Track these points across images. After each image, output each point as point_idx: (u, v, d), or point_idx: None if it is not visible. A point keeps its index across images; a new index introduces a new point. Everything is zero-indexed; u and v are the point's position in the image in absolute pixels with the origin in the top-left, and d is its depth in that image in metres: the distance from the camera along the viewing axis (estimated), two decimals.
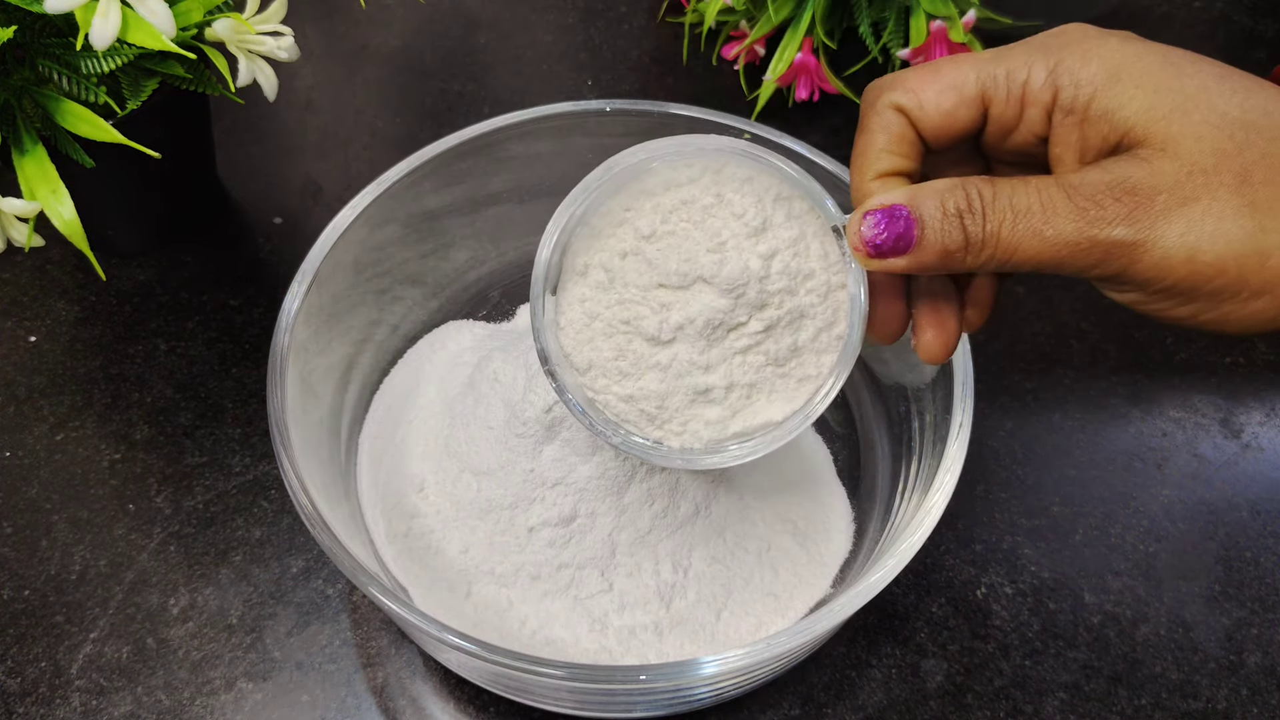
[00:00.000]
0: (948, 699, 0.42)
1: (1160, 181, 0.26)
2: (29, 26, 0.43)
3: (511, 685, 0.38)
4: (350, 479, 0.44)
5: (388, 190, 0.42)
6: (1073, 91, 0.27)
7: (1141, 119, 0.26)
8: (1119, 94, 0.27)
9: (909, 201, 0.28)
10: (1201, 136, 0.26)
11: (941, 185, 0.28)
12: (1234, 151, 0.25)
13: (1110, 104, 0.27)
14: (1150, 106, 0.26)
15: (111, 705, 0.42)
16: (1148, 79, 0.26)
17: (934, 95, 0.29)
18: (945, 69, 0.29)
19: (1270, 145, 0.25)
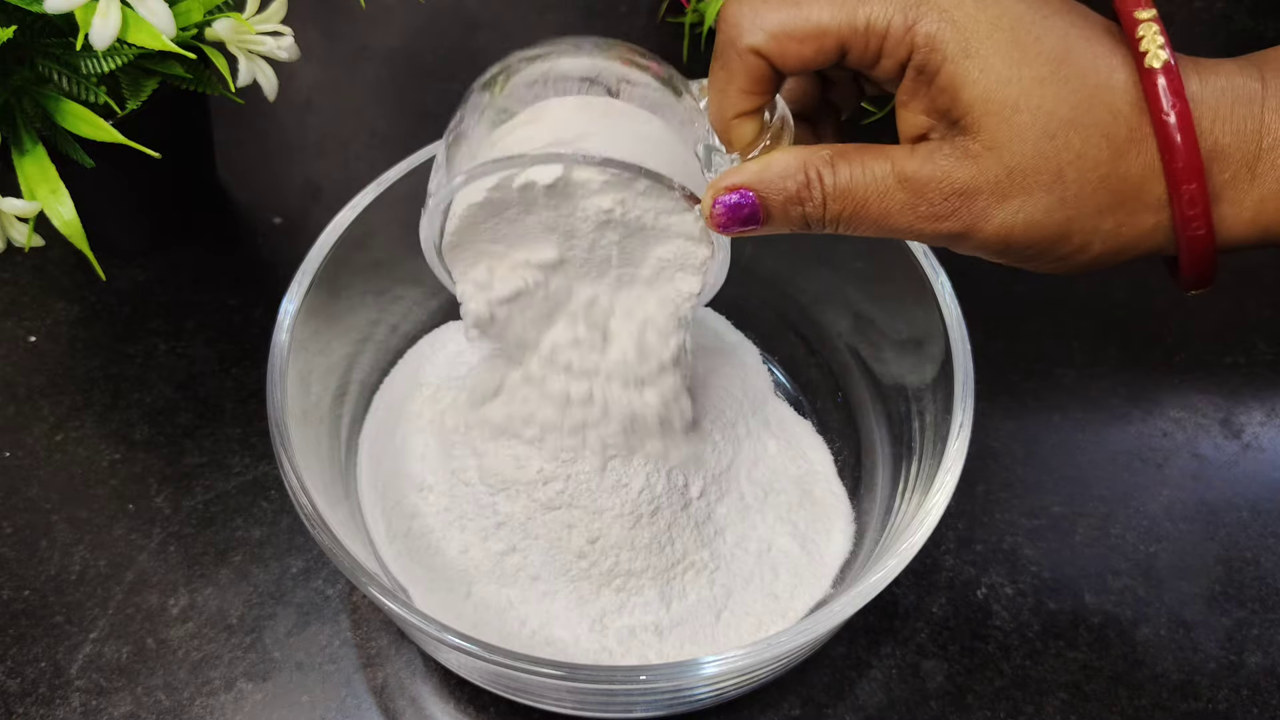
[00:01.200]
0: (948, 699, 0.42)
1: (984, 182, 0.28)
2: (29, 26, 0.43)
3: (511, 685, 0.38)
4: (350, 479, 0.44)
5: (388, 190, 0.42)
6: (925, 55, 0.29)
7: (978, 108, 0.28)
8: (966, 72, 0.28)
9: (754, 184, 0.31)
10: (1026, 139, 0.28)
11: (783, 166, 0.30)
12: (1052, 153, 0.28)
13: (956, 80, 0.28)
14: (988, 97, 0.28)
15: (111, 705, 0.42)
16: (993, 62, 0.28)
17: (795, 45, 0.30)
18: (807, 12, 0.30)
19: (1085, 144, 0.28)
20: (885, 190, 0.29)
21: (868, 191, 0.30)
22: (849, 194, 0.30)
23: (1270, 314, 0.54)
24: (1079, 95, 0.28)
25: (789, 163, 0.30)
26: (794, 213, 0.31)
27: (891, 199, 0.29)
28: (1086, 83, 0.28)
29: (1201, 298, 0.55)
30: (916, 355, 0.42)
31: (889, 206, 0.30)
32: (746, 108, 0.31)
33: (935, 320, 0.40)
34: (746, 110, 0.31)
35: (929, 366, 0.40)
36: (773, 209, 0.31)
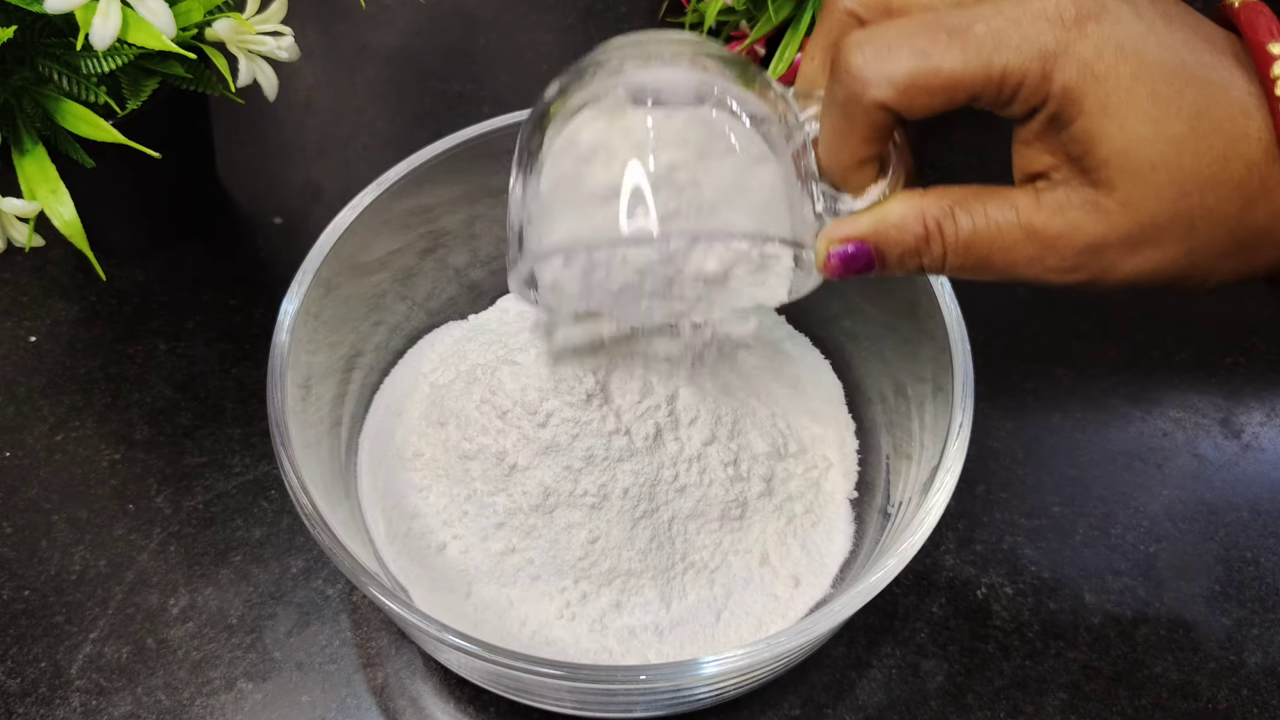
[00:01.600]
0: (948, 699, 0.42)
1: (1115, 237, 0.28)
2: (29, 26, 0.43)
3: (511, 685, 0.38)
4: (350, 479, 0.44)
5: (388, 190, 0.42)
6: (1061, 105, 0.28)
7: (1114, 164, 0.27)
8: (1104, 129, 0.27)
9: (870, 237, 0.30)
10: (1163, 197, 0.27)
11: (900, 217, 0.29)
12: (1186, 210, 0.27)
13: (1093, 135, 0.27)
14: (1125, 154, 0.27)
15: (111, 705, 0.42)
16: (1132, 121, 0.27)
17: (925, 98, 0.28)
18: (938, 63, 0.28)
19: (1219, 200, 0.27)
20: (1012, 243, 0.29)
21: (992, 244, 0.29)
22: (971, 247, 0.29)
23: (1270, 314, 0.54)
24: (1216, 152, 0.27)
25: (906, 213, 0.29)
26: (911, 263, 0.30)
27: (1018, 252, 0.29)
28: (1224, 136, 0.27)
29: (1201, 297, 0.55)
30: (916, 355, 0.42)
31: (1015, 259, 0.29)
32: (867, 155, 0.30)
33: (935, 320, 0.40)
34: (867, 158, 0.30)
35: (929, 366, 0.40)
36: (889, 259, 0.30)
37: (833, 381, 0.48)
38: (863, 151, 0.30)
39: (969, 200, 0.29)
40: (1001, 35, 0.27)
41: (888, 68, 0.28)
